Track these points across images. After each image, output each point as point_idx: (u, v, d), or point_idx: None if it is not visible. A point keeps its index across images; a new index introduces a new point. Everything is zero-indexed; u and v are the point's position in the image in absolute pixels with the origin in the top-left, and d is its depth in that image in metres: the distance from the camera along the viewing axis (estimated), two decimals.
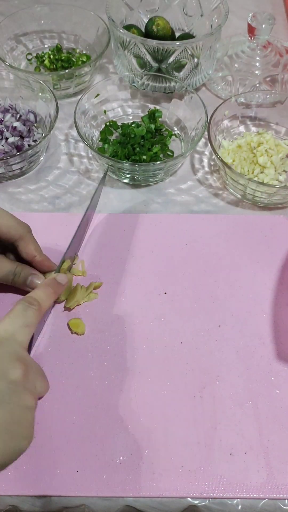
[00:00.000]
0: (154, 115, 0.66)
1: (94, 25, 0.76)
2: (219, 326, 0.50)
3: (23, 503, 0.41)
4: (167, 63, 0.65)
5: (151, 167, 0.58)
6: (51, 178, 0.64)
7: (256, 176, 0.60)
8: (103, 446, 0.43)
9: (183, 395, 0.45)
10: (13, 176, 0.63)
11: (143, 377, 0.46)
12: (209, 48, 0.66)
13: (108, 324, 0.50)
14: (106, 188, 0.63)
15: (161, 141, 0.64)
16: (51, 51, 0.77)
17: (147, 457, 0.42)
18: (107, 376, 0.47)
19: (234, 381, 0.46)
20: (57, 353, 0.48)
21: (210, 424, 0.44)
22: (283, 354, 0.48)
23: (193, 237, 0.57)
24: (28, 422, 0.35)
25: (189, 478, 0.41)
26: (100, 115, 0.68)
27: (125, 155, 0.61)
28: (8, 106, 0.65)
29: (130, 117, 0.70)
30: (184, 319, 0.50)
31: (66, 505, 0.41)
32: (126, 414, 0.44)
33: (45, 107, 0.65)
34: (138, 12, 0.75)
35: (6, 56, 0.74)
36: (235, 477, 0.41)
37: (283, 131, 0.67)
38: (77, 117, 0.60)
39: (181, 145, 0.67)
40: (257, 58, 0.73)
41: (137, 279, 0.53)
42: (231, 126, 0.67)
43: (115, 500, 0.41)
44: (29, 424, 0.35)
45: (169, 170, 0.62)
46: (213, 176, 0.64)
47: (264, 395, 0.46)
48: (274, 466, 0.42)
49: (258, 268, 0.54)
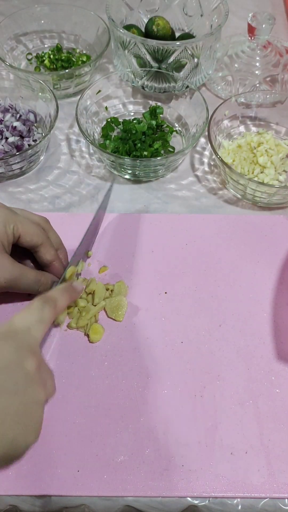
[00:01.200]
0: (155, 111, 0.66)
1: (94, 25, 0.76)
2: (220, 325, 0.50)
3: (23, 503, 0.41)
4: (167, 63, 0.65)
5: (152, 163, 0.59)
6: (51, 178, 0.64)
7: (256, 176, 0.60)
8: (103, 446, 0.43)
9: (183, 394, 0.45)
10: (13, 176, 0.63)
11: (143, 376, 0.46)
12: (209, 48, 0.66)
13: (109, 324, 0.50)
14: (106, 186, 0.63)
15: (162, 137, 0.64)
16: (51, 51, 0.77)
17: (148, 456, 0.42)
18: (108, 376, 0.47)
19: (235, 381, 0.46)
20: (58, 353, 0.48)
21: (211, 423, 0.44)
22: (284, 354, 0.48)
23: (193, 237, 0.57)
24: (39, 417, 0.34)
25: (190, 477, 0.41)
26: (101, 111, 0.68)
27: (127, 151, 0.61)
28: (8, 106, 0.65)
29: (131, 114, 0.71)
30: (184, 318, 0.50)
31: (66, 505, 0.41)
32: (126, 414, 0.44)
33: (45, 107, 0.65)
34: (138, 12, 0.75)
35: (6, 56, 0.74)
36: (236, 477, 0.41)
37: (283, 131, 0.67)
38: (78, 113, 0.60)
39: (182, 141, 0.67)
40: (257, 58, 0.73)
41: (137, 278, 0.53)
42: (231, 126, 0.67)
43: (115, 500, 0.41)
44: (40, 419, 0.34)
45: (170, 166, 0.62)
46: (213, 176, 0.64)
47: (264, 395, 0.46)
48: (275, 465, 0.42)
49: (258, 268, 0.54)
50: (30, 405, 0.33)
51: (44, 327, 0.39)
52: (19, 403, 0.33)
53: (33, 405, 0.34)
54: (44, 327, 0.39)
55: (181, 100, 0.67)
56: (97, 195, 0.62)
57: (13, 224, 0.46)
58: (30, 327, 0.38)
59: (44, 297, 0.41)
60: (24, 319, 0.38)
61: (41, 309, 0.39)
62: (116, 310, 0.50)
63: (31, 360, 0.35)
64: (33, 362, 0.35)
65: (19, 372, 0.34)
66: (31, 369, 0.34)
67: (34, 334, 0.38)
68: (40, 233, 0.48)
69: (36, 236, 0.48)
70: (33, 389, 0.34)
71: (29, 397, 0.33)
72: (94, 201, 0.61)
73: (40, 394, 0.35)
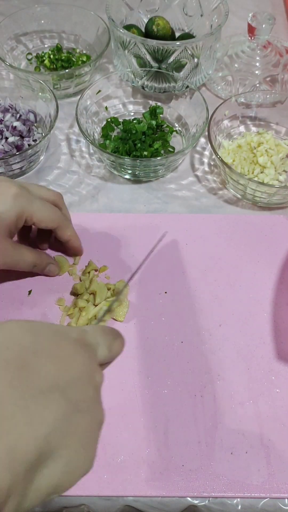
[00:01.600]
0: (155, 111, 0.66)
1: (94, 25, 0.76)
2: (220, 325, 0.50)
3: None
4: (167, 63, 0.65)
5: (152, 163, 0.59)
6: (51, 178, 0.64)
7: (256, 176, 0.60)
8: (104, 446, 0.43)
9: (183, 394, 0.45)
10: (13, 176, 0.63)
11: (143, 376, 0.46)
12: (209, 48, 0.66)
13: (109, 324, 0.50)
14: (107, 186, 0.63)
15: (162, 137, 0.64)
16: (51, 51, 0.77)
17: (148, 456, 0.42)
18: (108, 375, 0.46)
19: (235, 381, 0.46)
20: None
21: (211, 423, 0.44)
22: (284, 354, 0.48)
23: (193, 237, 0.57)
24: (97, 440, 0.28)
25: (190, 477, 0.41)
26: (101, 111, 0.68)
27: (127, 151, 0.62)
28: (8, 106, 0.65)
29: (131, 114, 0.71)
30: (184, 318, 0.50)
31: (65, 504, 0.41)
32: (126, 414, 0.44)
33: (45, 107, 0.65)
34: (138, 12, 0.75)
35: (6, 56, 0.74)
36: (236, 476, 0.41)
37: (283, 131, 0.67)
38: (78, 113, 0.60)
39: (182, 141, 0.67)
40: (257, 58, 0.73)
41: (138, 278, 0.53)
42: (231, 126, 0.67)
43: (115, 500, 0.41)
44: (97, 443, 0.28)
45: (170, 166, 0.62)
46: (213, 176, 0.64)
47: (264, 394, 0.46)
48: (275, 465, 0.42)
49: (258, 267, 0.54)
50: (94, 426, 0.28)
51: (108, 357, 0.33)
52: (87, 423, 0.27)
53: (96, 426, 0.28)
54: (107, 357, 0.33)
55: (181, 100, 0.67)
56: (97, 195, 0.62)
57: (28, 215, 0.47)
58: (99, 346, 0.32)
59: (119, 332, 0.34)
60: (97, 335, 0.32)
61: (114, 339, 0.33)
62: (118, 310, 0.50)
63: (100, 374, 0.30)
64: (101, 376, 0.30)
65: (91, 385, 0.28)
66: (99, 384, 0.29)
67: (99, 355, 0.32)
68: (55, 217, 0.49)
69: (51, 222, 0.49)
70: (98, 407, 0.29)
71: (95, 416, 0.28)
72: (94, 201, 0.61)
73: (102, 414, 0.29)
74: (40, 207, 0.48)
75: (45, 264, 0.51)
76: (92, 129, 0.65)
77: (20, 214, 0.46)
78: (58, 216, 0.50)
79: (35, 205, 0.47)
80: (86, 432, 0.27)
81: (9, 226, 0.46)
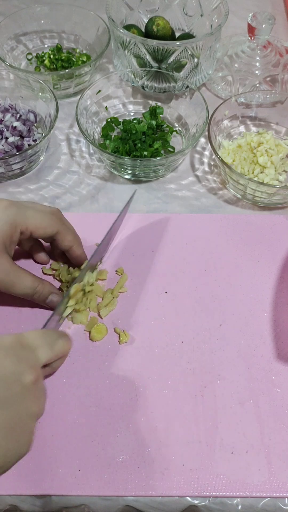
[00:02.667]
0: (155, 111, 0.66)
1: (94, 25, 0.76)
2: (220, 325, 0.50)
3: (23, 502, 0.41)
4: (167, 63, 0.65)
5: (152, 163, 0.59)
6: (51, 177, 0.64)
7: (256, 176, 0.60)
8: (104, 446, 0.43)
9: (184, 394, 0.45)
10: (13, 176, 0.63)
11: (143, 376, 0.46)
12: (209, 48, 0.66)
13: (109, 324, 0.50)
14: (107, 186, 0.63)
15: (162, 137, 0.64)
16: (51, 51, 0.77)
17: (149, 456, 0.42)
18: (108, 375, 0.47)
19: (235, 380, 0.46)
20: None
21: (211, 423, 0.44)
22: (284, 353, 0.48)
23: (193, 237, 0.57)
24: (31, 430, 0.35)
25: (191, 477, 0.41)
26: (101, 111, 0.68)
27: (127, 151, 0.62)
28: (8, 106, 0.65)
29: (131, 114, 0.71)
30: (184, 318, 0.50)
31: (66, 505, 0.41)
32: (127, 413, 0.44)
33: (45, 107, 0.65)
34: (138, 12, 0.75)
35: (6, 56, 0.74)
36: (236, 476, 0.41)
37: (283, 131, 0.68)
38: (78, 113, 0.60)
39: (182, 141, 0.67)
40: (257, 58, 0.73)
41: (138, 278, 0.53)
42: (231, 126, 0.67)
43: (115, 500, 0.41)
44: (31, 432, 0.35)
45: (170, 166, 0.62)
46: (213, 176, 0.64)
47: (265, 394, 0.46)
48: (275, 464, 0.42)
49: (258, 267, 0.54)
50: (23, 417, 0.34)
51: (51, 356, 0.39)
52: (13, 415, 0.33)
53: (27, 418, 0.34)
54: (50, 356, 0.39)
55: (181, 100, 0.67)
56: (97, 195, 0.62)
57: (21, 224, 0.45)
58: (39, 348, 0.38)
59: (64, 333, 0.42)
60: (36, 338, 0.38)
61: (56, 339, 0.40)
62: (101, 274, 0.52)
63: (29, 374, 0.35)
64: (31, 376, 0.35)
65: (17, 384, 0.34)
66: (28, 382, 0.35)
67: (39, 355, 0.38)
68: (53, 223, 0.47)
69: (49, 227, 0.47)
70: (27, 402, 0.34)
71: (23, 409, 0.34)
72: (94, 201, 0.61)
73: (33, 407, 0.35)
74: (34, 214, 0.46)
75: (47, 292, 0.48)
76: (92, 129, 0.65)
77: (13, 224, 0.45)
78: (56, 222, 0.48)
79: (27, 213, 0.46)
80: (13, 422, 0.33)
81: (3, 239, 0.44)
